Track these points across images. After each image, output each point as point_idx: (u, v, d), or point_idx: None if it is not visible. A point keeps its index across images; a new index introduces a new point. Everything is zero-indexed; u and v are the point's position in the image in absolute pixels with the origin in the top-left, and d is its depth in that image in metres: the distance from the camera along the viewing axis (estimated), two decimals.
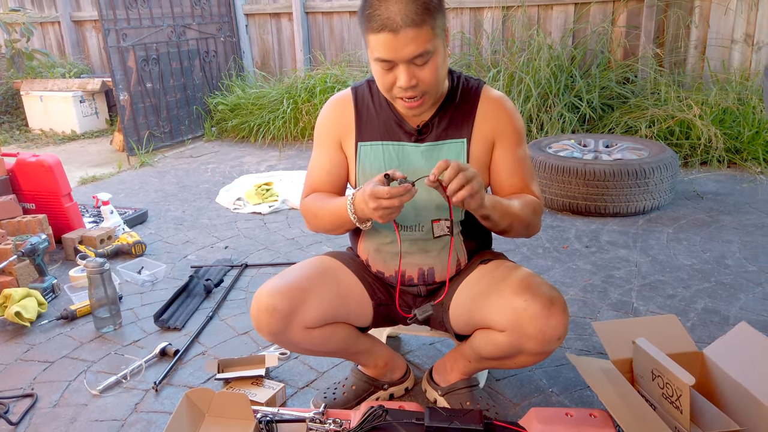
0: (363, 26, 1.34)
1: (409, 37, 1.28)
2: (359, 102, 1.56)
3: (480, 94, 1.51)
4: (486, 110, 1.50)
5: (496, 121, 1.50)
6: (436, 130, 1.49)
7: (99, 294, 2.17)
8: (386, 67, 1.34)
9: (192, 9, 5.26)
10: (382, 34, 1.29)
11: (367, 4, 1.31)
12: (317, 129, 1.62)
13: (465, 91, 1.51)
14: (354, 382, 1.71)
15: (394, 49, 1.29)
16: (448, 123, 1.49)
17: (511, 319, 1.36)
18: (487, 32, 4.92)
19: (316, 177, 1.60)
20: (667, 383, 1.38)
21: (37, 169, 2.91)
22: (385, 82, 1.38)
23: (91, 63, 6.87)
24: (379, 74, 1.38)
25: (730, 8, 4.16)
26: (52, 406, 1.80)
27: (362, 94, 1.56)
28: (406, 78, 1.33)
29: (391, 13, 1.27)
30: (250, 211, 3.44)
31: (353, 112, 1.56)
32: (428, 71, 1.34)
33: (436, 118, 1.49)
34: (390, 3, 1.27)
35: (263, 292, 1.44)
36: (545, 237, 2.88)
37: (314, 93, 5.00)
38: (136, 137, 4.82)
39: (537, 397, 1.73)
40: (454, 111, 1.50)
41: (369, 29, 1.31)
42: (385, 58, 1.32)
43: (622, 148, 3.37)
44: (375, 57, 1.34)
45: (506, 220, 1.42)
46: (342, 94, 1.60)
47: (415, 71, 1.33)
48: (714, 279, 2.40)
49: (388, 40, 1.29)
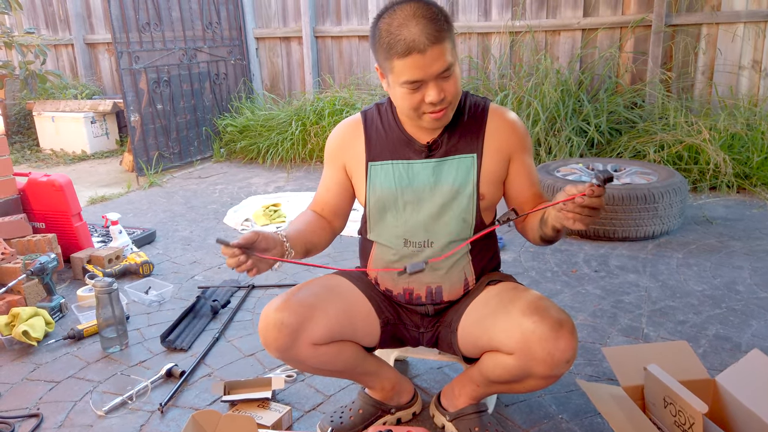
0: (385, 54, 1.36)
1: (435, 54, 1.32)
2: (368, 124, 1.59)
3: (488, 110, 1.55)
4: (497, 126, 1.53)
5: (509, 136, 1.54)
6: (445, 146, 1.52)
7: (106, 314, 2.17)
8: (414, 87, 1.37)
9: (203, 32, 5.34)
10: (410, 57, 1.32)
11: (385, 32, 1.34)
12: (327, 149, 1.67)
13: (472, 107, 1.55)
14: (361, 406, 1.70)
15: (424, 68, 1.33)
16: (457, 139, 1.52)
17: (519, 342, 1.35)
18: (494, 57, 4.96)
19: (321, 193, 1.68)
20: (680, 411, 1.36)
21: (48, 188, 2.93)
22: (413, 102, 1.40)
23: (103, 84, 6.96)
24: (405, 96, 1.39)
25: (737, 35, 4.18)
26: (57, 426, 1.78)
27: (371, 117, 1.60)
28: (436, 93, 1.36)
29: (414, 35, 1.30)
30: None
31: (363, 134, 1.59)
32: (452, 83, 1.39)
33: (445, 135, 1.52)
34: (411, 25, 1.31)
35: (271, 308, 1.45)
36: (554, 261, 2.87)
37: (323, 115, 5.04)
38: (146, 158, 4.86)
39: (546, 424, 1.70)
40: (463, 127, 1.53)
41: (394, 55, 1.34)
42: (415, 79, 1.35)
43: (630, 172, 3.36)
44: (404, 80, 1.36)
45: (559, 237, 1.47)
46: (352, 118, 1.64)
47: (442, 85, 1.37)
48: (725, 305, 2.37)
49: (417, 61, 1.32)
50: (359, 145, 1.58)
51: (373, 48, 1.41)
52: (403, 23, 1.32)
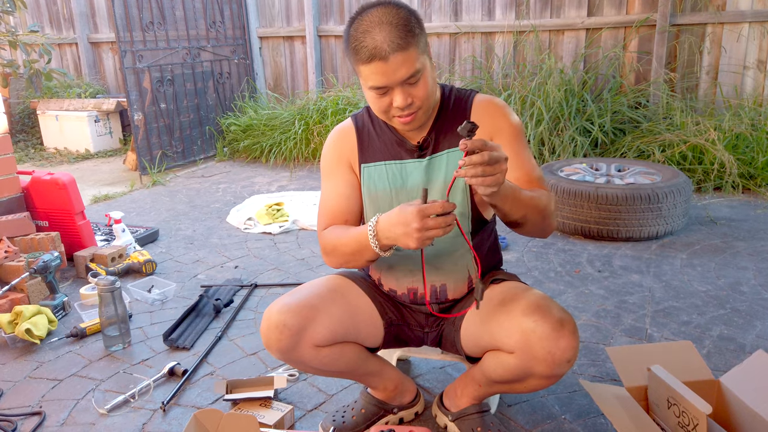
0: (352, 59, 1.38)
1: (399, 62, 1.31)
2: (360, 127, 1.60)
3: (472, 101, 1.54)
4: (480, 113, 1.52)
5: (490, 120, 1.50)
6: (435, 143, 1.52)
7: (109, 312, 2.17)
8: (381, 92, 1.38)
9: (207, 32, 5.34)
10: (372, 63, 1.32)
11: (352, 38, 1.35)
12: (324, 161, 1.63)
13: (458, 100, 1.54)
14: (363, 406, 1.69)
15: (387, 74, 1.33)
16: (444, 134, 1.52)
17: (519, 341, 1.34)
18: (498, 56, 4.95)
19: (334, 205, 1.58)
20: (684, 412, 1.35)
21: (51, 187, 2.94)
22: (381, 106, 1.41)
23: (107, 84, 6.97)
24: (374, 100, 1.41)
25: (742, 35, 4.16)
26: (59, 424, 1.78)
27: (362, 120, 1.61)
28: (402, 99, 1.36)
29: (377, 42, 1.30)
30: (261, 231, 3.45)
31: (355, 137, 1.59)
32: (421, 88, 1.38)
33: (434, 132, 1.52)
34: (374, 33, 1.31)
35: (274, 309, 1.44)
36: (557, 261, 2.86)
37: (326, 115, 5.04)
38: (149, 157, 4.86)
39: (549, 424, 1.70)
40: (450, 122, 1.52)
41: (359, 61, 1.35)
42: (379, 86, 1.35)
43: (634, 172, 3.35)
44: (370, 86, 1.37)
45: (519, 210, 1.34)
46: (343, 125, 1.64)
47: (409, 90, 1.37)
48: (729, 306, 2.36)
49: (379, 68, 1.32)
50: (353, 148, 1.59)
51: (345, 51, 1.42)
52: (367, 29, 1.32)
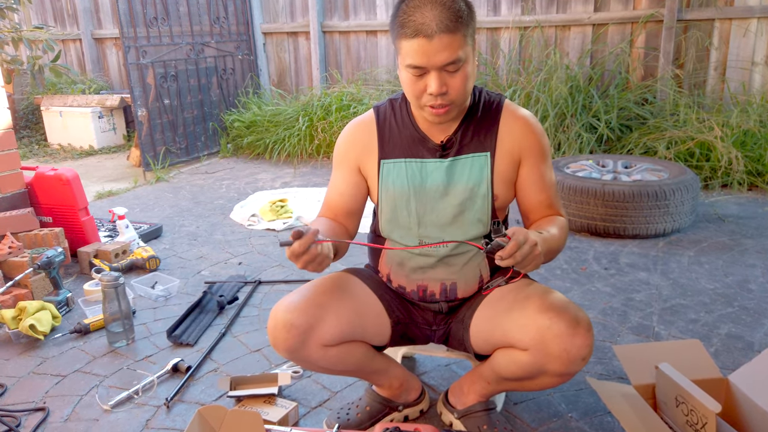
0: (395, 32, 1.34)
1: (443, 44, 1.28)
2: (381, 121, 1.56)
3: (502, 108, 1.51)
4: (512, 126, 1.49)
5: (522, 138, 1.49)
6: (459, 145, 1.49)
7: (113, 308, 2.16)
8: (417, 73, 1.33)
9: (211, 27, 5.33)
10: (416, 39, 1.29)
11: (401, 11, 1.31)
12: (336, 151, 1.62)
13: (487, 104, 1.51)
14: (368, 403, 1.68)
15: (428, 54, 1.29)
16: (471, 137, 1.49)
17: (534, 338, 1.33)
18: (503, 52, 4.93)
19: (332, 198, 1.61)
20: (692, 410, 1.33)
21: (55, 182, 2.93)
22: (415, 90, 1.37)
23: (111, 80, 6.97)
24: (409, 81, 1.36)
25: (750, 30, 4.13)
26: (63, 420, 1.78)
27: (384, 113, 1.57)
28: (437, 84, 1.32)
29: (426, 19, 1.27)
30: (264, 228, 3.44)
31: (375, 131, 1.55)
32: (459, 79, 1.34)
33: (459, 133, 1.49)
34: (425, 9, 1.28)
35: (281, 308, 1.42)
36: (563, 258, 2.84)
37: (330, 111, 5.02)
38: (153, 153, 4.85)
39: (556, 422, 1.68)
40: (477, 125, 1.49)
41: (402, 35, 1.31)
42: (417, 65, 1.31)
43: (641, 169, 3.33)
44: (407, 63, 1.33)
45: (550, 257, 1.41)
46: (364, 116, 1.60)
47: (446, 78, 1.33)
48: (737, 304, 2.34)
49: (422, 46, 1.29)
50: (372, 142, 1.55)
51: (390, 25, 1.38)
52: (419, 5, 1.29)
